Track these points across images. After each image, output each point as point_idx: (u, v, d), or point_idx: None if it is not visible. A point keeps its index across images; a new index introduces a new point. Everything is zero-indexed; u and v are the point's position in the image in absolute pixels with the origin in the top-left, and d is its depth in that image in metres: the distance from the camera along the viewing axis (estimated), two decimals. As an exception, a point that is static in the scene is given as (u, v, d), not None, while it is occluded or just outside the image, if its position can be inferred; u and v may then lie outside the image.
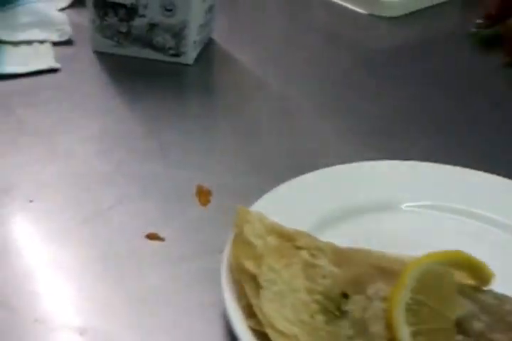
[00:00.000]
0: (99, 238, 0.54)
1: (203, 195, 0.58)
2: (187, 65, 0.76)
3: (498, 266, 0.47)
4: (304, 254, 0.48)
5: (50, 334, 0.46)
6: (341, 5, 0.92)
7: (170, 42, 0.74)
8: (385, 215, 0.55)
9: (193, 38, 0.74)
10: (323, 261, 0.48)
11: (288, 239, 0.49)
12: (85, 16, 0.77)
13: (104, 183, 0.59)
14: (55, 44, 0.79)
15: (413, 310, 0.43)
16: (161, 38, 0.74)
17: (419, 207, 0.56)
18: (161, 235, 0.54)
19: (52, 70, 0.74)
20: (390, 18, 0.90)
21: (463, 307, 0.44)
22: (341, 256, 0.48)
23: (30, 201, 0.56)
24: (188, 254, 0.52)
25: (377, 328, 0.43)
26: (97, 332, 0.46)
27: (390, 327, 0.43)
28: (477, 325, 0.44)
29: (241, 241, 0.48)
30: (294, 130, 0.68)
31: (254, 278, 0.45)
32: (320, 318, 0.44)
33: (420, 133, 0.68)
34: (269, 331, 0.43)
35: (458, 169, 0.59)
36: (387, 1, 0.90)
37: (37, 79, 0.73)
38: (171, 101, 0.71)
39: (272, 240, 0.48)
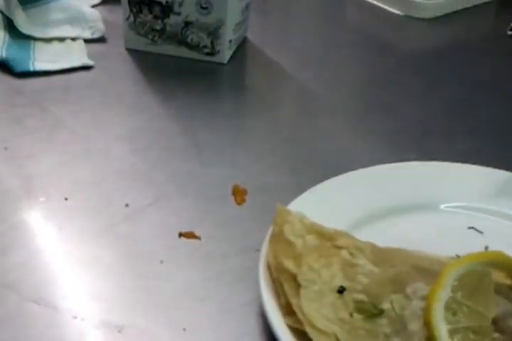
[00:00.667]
0: (135, 236, 0.54)
1: (239, 194, 0.57)
2: (221, 63, 0.76)
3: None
4: (344, 254, 0.48)
5: (89, 332, 0.46)
6: (376, 5, 0.92)
7: (205, 41, 0.74)
8: (424, 215, 0.55)
9: (229, 36, 0.74)
10: (362, 261, 0.48)
11: (328, 239, 0.49)
12: (118, 13, 0.77)
13: (140, 181, 0.59)
14: (88, 41, 0.79)
15: (452, 308, 0.43)
16: (196, 37, 0.74)
17: (457, 207, 0.56)
18: (197, 233, 0.53)
19: (84, 68, 0.74)
20: (425, 20, 0.89)
21: (500, 306, 0.44)
22: (380, 256, 0.48)
23: (66, 199, 0.56)
24: (224, 253, 0.52)
25: (415, 326, 0.43)
26: (134, 329, 0.46)
27: (427, 324, 0.43)
28: None
29: (280, 240, 0.48)
30: (329, 129, 0.68)
31: (293, 277, 0.45)
32: (358, 316, 0.44)
33: (454, 135, 0.68)
34: (308, 329, 0.43)
35: (495, 171, 0.58)
36: (423, 2, 0.89)
37: (70, 77, 0.73)
38: (205, 100, 0.70)
39: (311, 239, 0.48)
